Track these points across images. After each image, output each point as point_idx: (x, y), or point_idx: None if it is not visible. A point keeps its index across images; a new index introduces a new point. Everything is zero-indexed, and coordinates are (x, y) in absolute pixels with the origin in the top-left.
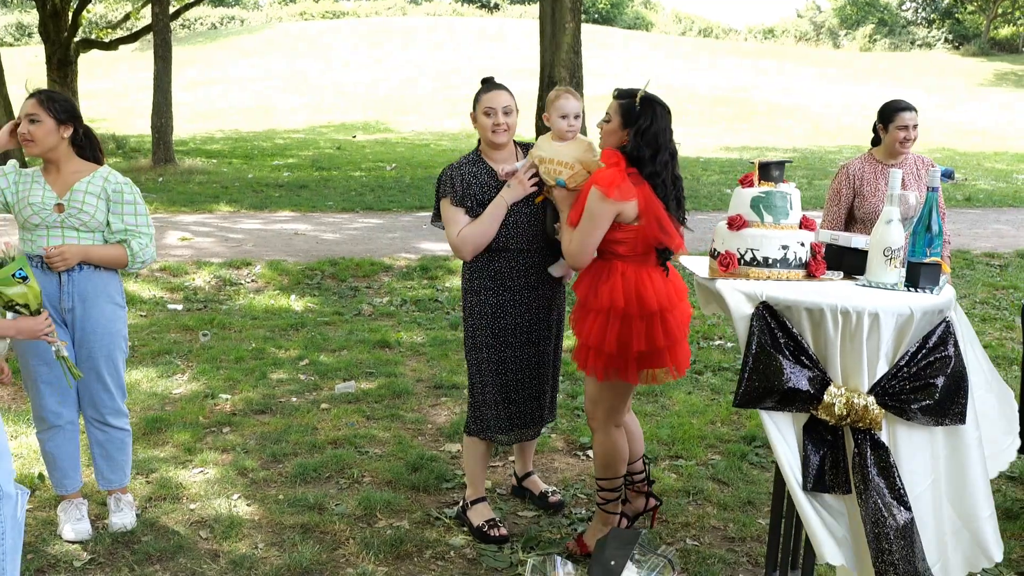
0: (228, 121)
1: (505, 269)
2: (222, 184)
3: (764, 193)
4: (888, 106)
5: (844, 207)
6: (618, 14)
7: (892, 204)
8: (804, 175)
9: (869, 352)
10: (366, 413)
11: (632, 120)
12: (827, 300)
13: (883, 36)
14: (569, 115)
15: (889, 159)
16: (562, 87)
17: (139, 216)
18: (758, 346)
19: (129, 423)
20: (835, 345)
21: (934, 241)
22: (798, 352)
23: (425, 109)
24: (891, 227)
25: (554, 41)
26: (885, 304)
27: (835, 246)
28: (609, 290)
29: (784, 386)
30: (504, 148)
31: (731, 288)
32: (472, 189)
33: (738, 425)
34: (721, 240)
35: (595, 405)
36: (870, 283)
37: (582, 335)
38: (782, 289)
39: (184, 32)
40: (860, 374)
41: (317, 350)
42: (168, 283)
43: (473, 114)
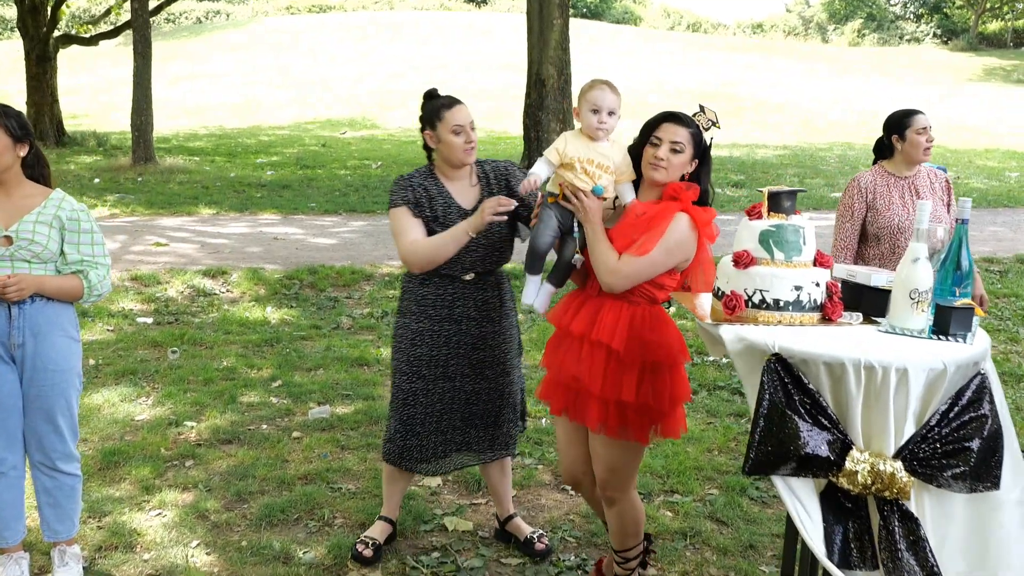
0: (212, 117)
1: (431, 295)
2: (203, 184)
3: (774, 226)
4: (899, 114)
5: (857, 222)
6: (606, 9)
7: (919, 240)
8: (795, 173)
9: (896, 411)
10: (340, 442)
11: (700, 150)
12: (849, 353)
13: (872, 31)
14: (602, 109)
15: (904, 170)
16: (599, 78)
17: (96, 246)
18: (770, 405)
19: (80, 468)
20: (857, 404)
21: (964, 280)
22: (816, 412)
23: (412, 105)
24: (918, 267)
25: (542, 37)
26: (915, 358)
27: (852, 284)
28: (661, 339)
29: (801, 451)
30: (463, 169)
31: (738, 336)
32: (429, 203)
33: (736, 454)
34: (726, 278)
35: (616, 472)
36: (894, 329)
37: (616, 392)
38: (797, 339)
39: (168, 26)
40: (885, 436)
41: (292, 369)
42: (139, 293)
43: (432, 133)
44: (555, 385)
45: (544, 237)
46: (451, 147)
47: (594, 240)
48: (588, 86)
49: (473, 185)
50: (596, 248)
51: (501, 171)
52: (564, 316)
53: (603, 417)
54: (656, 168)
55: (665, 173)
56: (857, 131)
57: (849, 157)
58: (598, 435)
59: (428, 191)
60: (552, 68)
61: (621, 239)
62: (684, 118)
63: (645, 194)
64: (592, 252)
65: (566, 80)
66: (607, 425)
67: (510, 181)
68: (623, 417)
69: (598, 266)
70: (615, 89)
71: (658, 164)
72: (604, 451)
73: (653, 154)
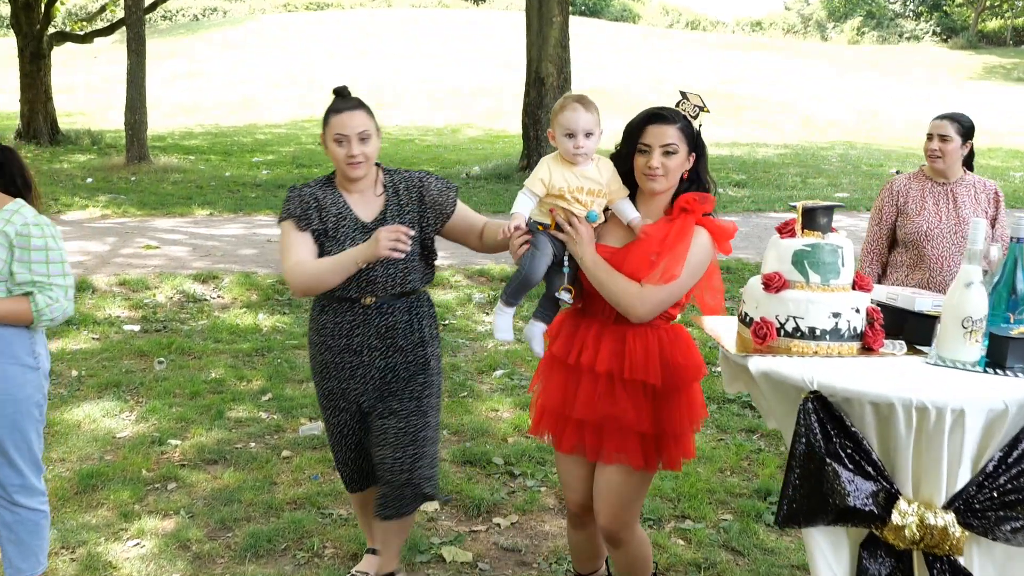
0: (209, 115)
1: (330, 324)
2: (197, 184)
3: (809, 246)
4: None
5: (886, 226)
6: (605, 6)
7: (972, 262)
8: (797, 173)
9: (950, 457)
10: (331, 462)
11: (694, 142)
12: (898, 392)
13: (871, 29)
14: (577, 133)
15: (938, 176)
16: (571, 94)
17: (51, 264)
18: (806, 449)
19: (46, 502)
20: (907, 449)
21: (1020, 305)
22: (859, 458)
23: (409, 103)
24: (972, 292)
25: (541, 34)
26: (972, 397)
27: (893, 308)
28: (687, 360)
29: (841, 502)
30: (363, 180)
31: (770, 370)
32: (322, 216)
33: (750, 474)
34: (755, 303)
35: (629, 507)
36: (943, 361)
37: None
38: (837, 374)
39: (165, 24)
40: (937, 485)
41: (283, 381)
42: (127, 299)
43: (323, 137)
44: (563, 421)
45: (539, 265)
46: (334, 159)
47: (599, 271)
48: (559, 106)
49: (378, 195)
50: (607, 280)
51: (414, 184)
52: (574, 351)
53: (643, 452)
54: (653, 178)
55: (664, 181)
56: (858, 130)
57: (851, 156)
58: (613, 467)
59: (320, 201)
60: (551, 66)
61: (634, 260)
62: (668, 114)
63: (646, 206)
64: (602, 285)
65: (565, 78)
66: (648, 460)
67: (424, 196)
68: (660, 447)
69: (618, 298)
70: (589, 105)
71: (654, 174)
72: (621, 484)
73: (645, 163)
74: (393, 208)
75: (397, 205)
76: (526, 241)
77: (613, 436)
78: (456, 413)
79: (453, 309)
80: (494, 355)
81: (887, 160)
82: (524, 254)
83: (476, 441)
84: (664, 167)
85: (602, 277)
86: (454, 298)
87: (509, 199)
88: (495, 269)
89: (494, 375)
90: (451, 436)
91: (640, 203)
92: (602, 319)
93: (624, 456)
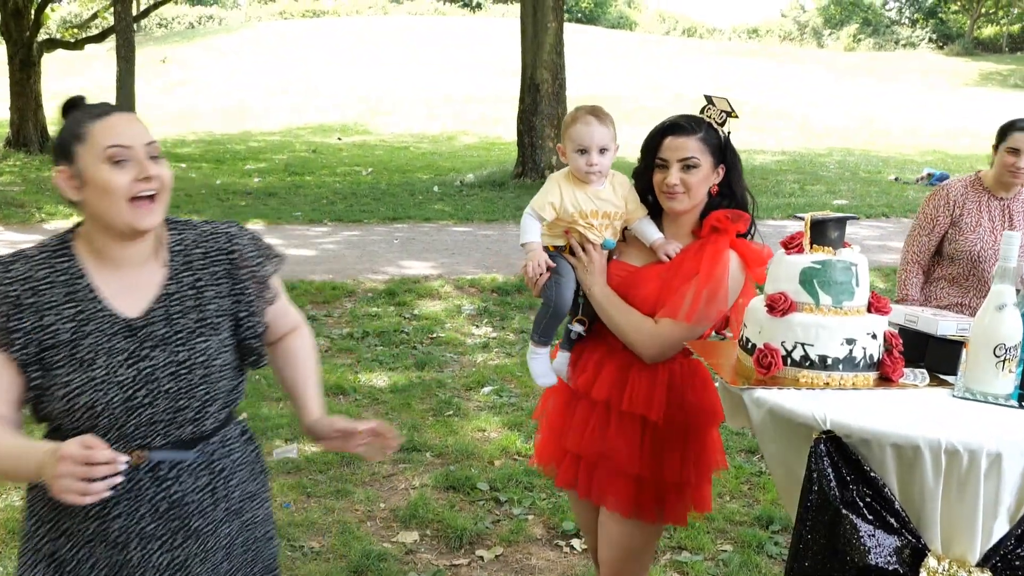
0: (203, 123)
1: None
2: (186, 192)
3: (819, 263)
4: (1006, 123)
5: (937, 237)
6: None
7: (1005, 281)
8: (795, 180)
9: (985, 507)
10: (307, 488)
11: (721, 153)
12: (924, 432)
13: (867, 36)
14: (591, 149)
15: (999, 190)
16: (584, 106)
17: None
18: (819, 500)
19: None
20: (935, 498)
21: None
22: (881, 508)
23: (405, 110)
24: (1005, 315)
25: (536, 41)
26: (1009, 438)
27: (913, 331)
28: (702, 400)
29: (860, 561)
30: (142, 240)
31: (776, 404)
32: (38, 317)
33: (751, 500)
34: (757, 327)
35: (630, 561)
36: (973, 394)
37: (657, 470)
38: (853, 410)
39: (161, 31)
40: (971, 538)
41: (260, 399)
42: None
43: (69, 170)
44: (561, 453)
45: (567, 293)
46: (105, 195)
47: (608, 305)
48: (570, 118)
49: (163, 266)
50: (616, 315)
51: (220, 245)
52: (577, 372)
53: (636, 498)
54: (672, 196)
55: (685, 199)
56: (855, 136)
57: (849, 163)
58: (613, 514)
59: (39, 291)
60: (546, 72)
61: (653, 284)
62: (686, 124)
63: (671, 225)
64: (611, 320)
65: (560, 85)
66: (641, 508)
67: (236, 265)
68: (659, 496)
69: (628, 335)
70: (604, 118)
71: (673, 192)
72: (622, 535)
73: (663, 180)
74: (184, 290)
75: (191, 286)
76: (546, 269)
77: (604, 475)
78: (440, 433)
79: (441, 321)
80: (482, 370)
81: (885, 167)
82: (547, 284)
83: (460, 464)
84: (684, 183)
85: (611, 312)
86: (443, 309)
87: (503, 206)
88: (486, 279)
89: (482, 392)
90: (434, 459)
91: (665, 222)
92: (611, 341)
93: (612, 500)
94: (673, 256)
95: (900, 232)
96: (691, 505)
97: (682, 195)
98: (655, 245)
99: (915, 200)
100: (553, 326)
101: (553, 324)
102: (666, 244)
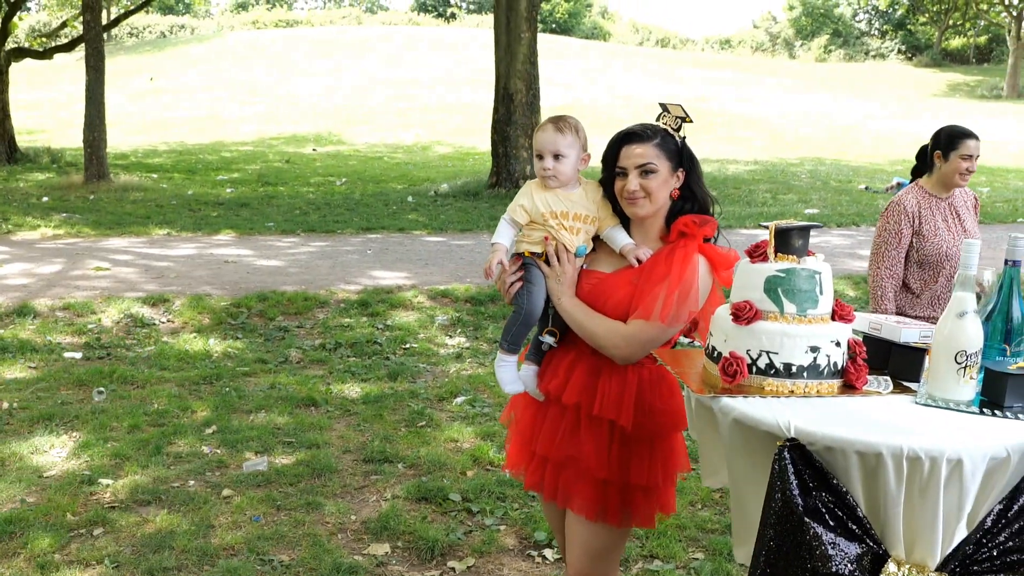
0: (175, 133)
1: None
2: (157, 203)
3: (784, 271)
4: (951, 131)
5: (904, 248)
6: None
7: (965, 289)
8: (767, 189)
9: (946, 513)
10: (276, 501)
11: (680, 157)
12: (887, 439)
13: (838, 47)
14: (545, 154)
15: (942, 191)
16: (553, 116)
17: None
18: (783, 508)
19: None
20: (898, 504)
21: (1016, 335)
22: (843, 515)
23: (380, 120)
24: (966, 323)
25: (509, 51)
26: (971, 444)
27: (876, 339)
28: (668, 406)
29: (823, 568)
30: None
31: (740, 413)
32: None
33: (722, 507)
34: (722, 336)
35: (597, 563)
36: (935, 400)
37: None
38: (817, 418)
39: (132, 40)
40: (931, 544)
41: (229, 411)
42: (70, 324)
43: None
44: (529, 455)
45: (538, 300)
46: None
47: (577, 314)
48: (537, 127)
49: None
50: (586, 322)
51: None
52: (547, 378)
53: (602, 501)
54: (634, 203)
55: (647, 204)
56: (827, 146)
57: (820, 172)
58: (579, 516)
59: None
60: (520, 82)
61: (623, 289)
62: (642, 132)
63: (638, 231)
64: (581, 328)
65: (535, 95)
66: (607, 511)
67: None
68: (626, 499)
69: (600, 340)
70: (564, 127)
71: (634, 198)
72: (589, 537)
73: (623, 188)
74: None
75: None
76: (519, 277)
77: (570, 478)
78: (413, 444)
79: (414, 332)
80: (455, 381)
81: (856, 176)
82: (518, 291)
83: (433, 475)
84: (644, 189)
85: (581, 320)
86: (416, 320)
87: (478, 216)
88: (459, 289)
89: (455, 402)
90: (406, 470)
91: (633, 228)
92: (581, 346)
93: (578, 502)
94: (644, 260)
95: (871, 241)
96: (657, 508)
97: (643, 200)
98: (625, 250)
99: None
100: (522, 333)
101: (523, 332)
102: (636, 249)
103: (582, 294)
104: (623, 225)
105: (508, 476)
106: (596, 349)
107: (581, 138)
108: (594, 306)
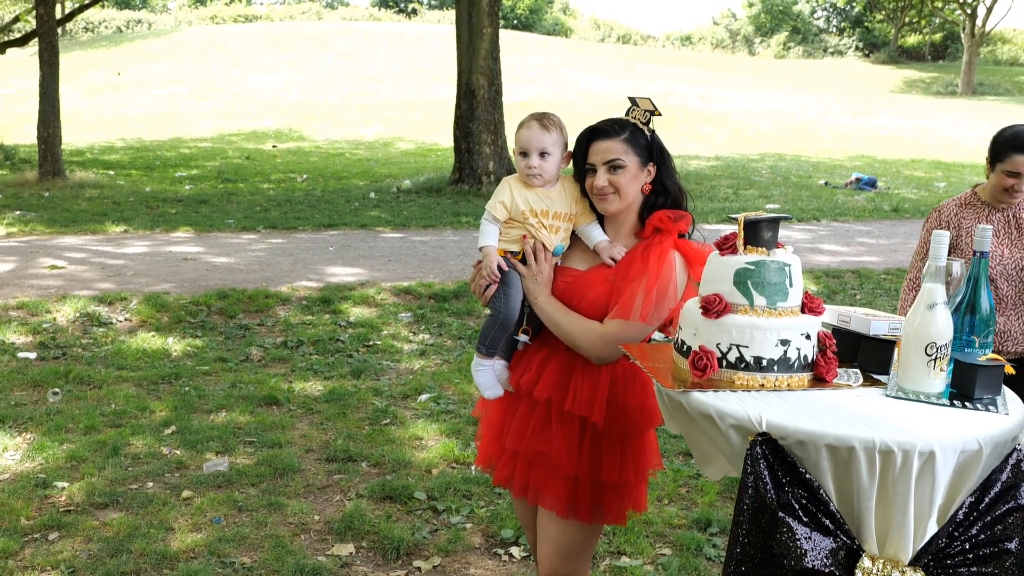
0: (131, 129)
1: None
2: (114, 200)
3: (753, 264)
4: (1002, 139)
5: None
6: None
7: (935, 280)
8: (729, 184)
9: (918, 506)
10: (238, 502)
11: (650, 151)
12: (859, 432)
13: (797, 44)
14: (530, 152)
15: (999, 202)
16: (536, 112)
17: None
18: (755, 503)
19: None
20: (870, 498)
21: (980, 327)
22: (815, 509)
23: (340, 116)
24: (936, 314)
25: (471, 47)
26: (942, 436)
27: (846, 331)
28: (640, 402)
29: (797, 563)
30: None
31: (711, 408)
32: None
33: (688, 502)
34: (692, 329)
35: (568, 560)
36: (905, 393)
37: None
38: (788, 412)
39: (87, 35)
40: (903, 538)
41: (189, 411)
42: (23, 323)
43: None
44: (499, 450)
45: (515, 303)
46: None
47: (553, 313)
48: (520, 123)
49: None
50: (562, 322)
51: None
52: (518, 372)
53: (572, 498)
54: (603, 199)
55: (616, 199)
56: (787, 142)
57: (781, 168)
58: (550, 512)
59: None
60: (483, 78)
61: (599, 286)
62: (609, 128)
63: (612, 226)
64: (558, 327)
65: (497, 90)
66: (578, 508)
67: None
68: (596, 496)
69: (576, 339)
70: (549, 124)
71: (603, 194)
72: (559, 533)
73: (592, 184)
74: None
75: None
76: (495, 280)
77: (540, 474)
78: (376, 443)
79: (378, 328)
80: (419, 378)
81: (815, 171)
82: (495, 295)
83: (397, 474)
84: (613, 184)
85: (557, 319)
86: (378, 316)
87: (440, 212)
88: (423, 285)
89: (419, 399)
90: (370, 469)
91: (606, 224)
92: (554, 342)
93: (549, 499)
94: (619, 259)
95: (831, 235)
96: (628, 505)
97: (612, 195)
98: (599, 248)
99: (844, 204)
100: (500, 337)
101: (500, 335)
102: (611, 247)
103: (557, 291)
104: (598, 221)
105: (474, 474)
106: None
107: (564, 136)
108: (569, 304)
